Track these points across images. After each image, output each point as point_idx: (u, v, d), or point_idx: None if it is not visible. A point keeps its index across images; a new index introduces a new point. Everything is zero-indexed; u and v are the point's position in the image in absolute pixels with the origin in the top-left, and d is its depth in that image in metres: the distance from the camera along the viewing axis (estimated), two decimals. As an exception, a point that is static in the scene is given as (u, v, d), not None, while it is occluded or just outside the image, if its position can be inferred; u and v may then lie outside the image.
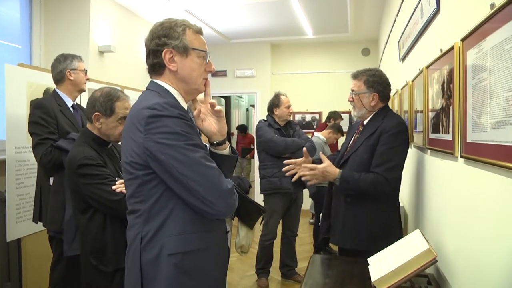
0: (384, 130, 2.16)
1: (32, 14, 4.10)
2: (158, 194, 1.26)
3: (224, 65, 7.36)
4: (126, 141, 1.30)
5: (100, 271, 1.91)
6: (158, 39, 1.34)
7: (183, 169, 1.20)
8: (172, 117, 1.21)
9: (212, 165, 1.26)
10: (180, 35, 1.34)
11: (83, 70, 2.75)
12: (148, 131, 1.21)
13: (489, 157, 1.17)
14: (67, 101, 2.70)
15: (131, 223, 1.34)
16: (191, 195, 1.22)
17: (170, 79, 1.37)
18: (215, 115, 1.44)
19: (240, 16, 5.73)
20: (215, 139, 1.43)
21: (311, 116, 7.19)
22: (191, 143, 1.22)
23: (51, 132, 2.51)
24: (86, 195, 1.91)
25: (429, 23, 2.11)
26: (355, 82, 2.33)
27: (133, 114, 1.29)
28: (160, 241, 1.26)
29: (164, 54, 1.33)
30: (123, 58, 4.91)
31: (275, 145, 3.51)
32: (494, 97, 1.12)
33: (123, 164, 1.33)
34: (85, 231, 1.96)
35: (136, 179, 1.27)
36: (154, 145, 1.20)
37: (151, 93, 1.34)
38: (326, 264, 2.15)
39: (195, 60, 1.37)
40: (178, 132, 1.21)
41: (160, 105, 1.22)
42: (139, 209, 1.29)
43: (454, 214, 1.62)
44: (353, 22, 5.91)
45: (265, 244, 3.72)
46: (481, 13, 1.21)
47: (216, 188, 1.24)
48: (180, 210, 1.27)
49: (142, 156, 1.23)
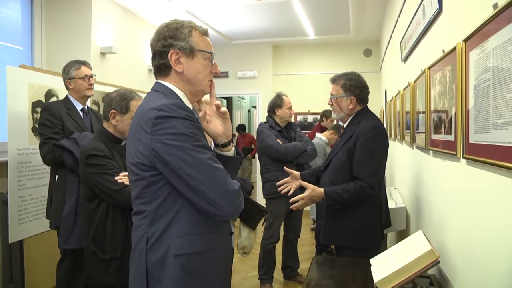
0: (359, 135, 2.24)
1: (34, 15, 4.11)
2: (164, 195, 1.26)
3: (225, 66, 7.36)
4: (132, 142, 1.30)
5: (98, 257, 2.04)
6: (164, 40, 1.34)
7: (190, 170, 1.20)
8: (179, 118, 1.22)
9: (219, 167, 1.26)
10: (187, 36, 1.35)
11: (83, 76, 2.85)
12: (155, 132, 1.21)
13: (492, 158, 1.17)
14: (77, 105, 2.88)
15: (136, 224, 1.34)
16: (198, 196, 1.23)
17: (176, 80, 1.37)
18: (220, 116, 1.45)
19: (241, 17, 5.73)
20: (220, 140, 1.44)
21: (313, 117, 7.18)
22: (198, 145, 1.23)
23: (55, 133, 2.69)
24: (91, 184, 2.04)
25: (431, 24, 2.11)
26: (333, 86, 2.43)
27: (140, 115, 1.28)
28: (166, 242, 1.26)
29: (170, 56, 1.33)
30: (124, 59, 4.91)
31: (276, 153, 3.50)
32: (497, 98, 1.12)
33: (129, 165, 1.33)
34: (90, 219, 2.09)
35: (142, 180, 1.27)
36: (161, 146, 1.20)
37: (157, 94, 1.34)
38: (328, 265, 2.15)
39: (201, 61, 1.37)
40: (185, 133, 1.21)
41: (167, 106, 1.22)
42: (145, 210, 1.29)
43: (457, 215, 1.62)
44: (354, 23, 5.91)
45: (267, 247, 3.70)
46: (484, 14, 1.21)
47: (223, 189, 1.24)
48: (186, 212, 1.27)
49: (149, 157, 1.23)
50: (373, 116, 2.39)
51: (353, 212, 2.26)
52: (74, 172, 2.63)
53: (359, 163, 2.22)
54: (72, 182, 2.66)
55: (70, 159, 2.62)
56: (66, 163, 2.63)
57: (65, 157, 2.63)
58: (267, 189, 3.62)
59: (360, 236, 2.25)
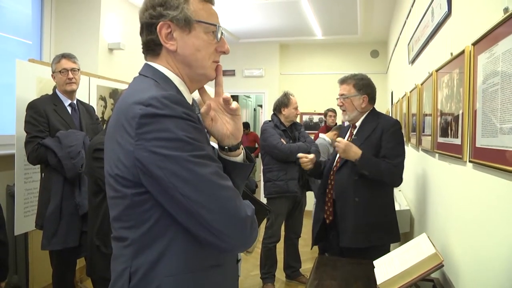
0: (386, 128, 2.32)
1: (44, 10, 4.13)
2: (153, 219, 0.94)
3: (232, 65, 7.37)
4: (111, 145, 0.96)
5: (101, 252, 2.04)
6: (152, 9, 1.02)
7: (188, 190, 0.88)
8: (174, 117, 0.89)
9: (226, 185, 0.94)
10: (181, 3, 1.01)
11: (61, 70, 2.76)
12: (141, 136, 0.88)
13: (499, 163, 1.16)
14: (64, 100, 2.83)
15: (116, 253, 1.02)
16: (198, 224, 0.91)
17: (169, 62, 1.04)
18: (229, 113, 1.08)
19: (249, 16, 5.74)
20: (227, 143, 1.07)
21: (319, 117, 7.18)
22: (199, 154, 0.90)
23: (40, 131, 2.65)
24: (97, 178, 2.02)
25: (439, 26, 2.10)
26: (344, 87, 2.47)
27: (121, 109, 0.95)
28: (155, 281, 0.94)
29: (160, 29, 1.00)
30: (132, 55, 4.93)
31: (280, 153, 3.50)
32: (505, 102, 1.11)
33: (107, 176, 0.99)
34: (94, 213, 2.09)
35: (123, 198, 0.95)
36: (148, 156, 0.88)
37: (146, 81, 1.01)
38: (331, 266, 2.15)
39: (201, 36, 1.03)
40: (181, 138, 0.89)
41: (157, 100, 0.89)
42: (127, 237, 0.97)
43: (462, 219, 1.62)
44: (362, 23, 5.89)
45: (268, 246, 3.71)
46: (494, 18, 1.21)
47: (232, 215, 0.92)
48: (181, 241, 0.96)
49: (132, 170, 0.91)
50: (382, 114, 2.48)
51: (382, 209, 2.32)
52: (58, 171, 2.61)
53: (391, 151, 2.28)
54: (57, 181, 2.64)
55: (53, 158, 2.59)
56: (49, 162, 2.60)
57: (48, 156, 2.59)
58: (268, 189, 3.62)
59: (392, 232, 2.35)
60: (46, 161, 2.62)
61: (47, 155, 2.60)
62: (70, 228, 2.62)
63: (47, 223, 2.59)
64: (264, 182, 3.71)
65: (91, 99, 3.81)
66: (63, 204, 2.61)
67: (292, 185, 3.53)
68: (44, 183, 2.73)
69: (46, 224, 2.59)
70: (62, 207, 2.61)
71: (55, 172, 2.64)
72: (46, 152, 2.60)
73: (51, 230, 2.58)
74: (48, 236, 2.59)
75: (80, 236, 2.64)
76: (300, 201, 3.76)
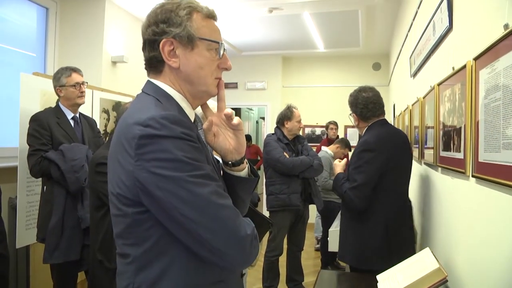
0: (356, 148, 2.34)
1: (48, 24, 4.19)
2: (154, 238, 0.96)
3: (235, 77, 7.41)
4: (113, 165, 0.99)
5: (104, 266, 2.02)
6: (155, 26, 1.02)
7: (187, 210, 0.90)
8: (173, 138, 0.91)
9: (226, 204, 0.95)
10: (184, 20, 1.02)
11: (74, 84, 2.77)
12: (140, 157, 0.90)
13: (502, 178, 1.16)
14: (67, 114, 2.82)
15: (120, 269, 1.05)
16: (198, 243, 0.93)
17: (172, 79, 1.06)
18: (231, 128, 1.10)
19: (252, 29, 5.79)
20: (231, 158, 1.10)
21: (321, 130, 7.18)
22: (198, 174, 0.91)
23: (43, 144, 2.64)
24: (100, 192, 2.02)
25: (441, 40, 2.11)
26: None
27: (122, 128, 0.97)
28: None
29: (162, 46, 1.02)
30: (135, 68, 4.96)
31: (283, 166, 3.50)
32: (508, 117, 1.11)
33: (110, 194, 1.02)
34: (97, 228, 2.08)
35: (125, 217, 0.97)
36: (148, 177, 0.89)
37: (147, 99, 1.02)
38: (334, 280, 2.13)
39: (203, 53, 1.04)
40: (180, 159, 0.90)
41: (155, 120, 0.91)
42: (129, 254, 0.99)
43: (465, 234, 1.61)
44: (364, 36, 5.93)
45: (271, 260, 3.68)
46: (494, 33, 1.22)
47: (232, 234, 0.93)
48: (183, 259, 0.97)
49: (132, 189, 0.93)
50: (377, 130, 2.35)
51: (356, 229, 2.26)
52: (61, 184, 2.61)
53: (351, 173, 2.30)
54: (59, 194, 2.63)
55: (56, 171, 2.58)
56: (52, 175, 2.60)
57: (52, 170, 2.59)
58: (270, 202, 3.61)
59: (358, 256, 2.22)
60: (49, 174, 2.61)
61: (50, 168, 2.59)
62: (72, 241, 2.61)
63: (49, 236, 2.58)
64: (267, 195, 3.69)
65: (94, 112, 3.82)
66: (65, 217, 2.60)
67: (295, 198, 3.52)
68: (46, 196, 2.72)
69: (48, 238, 2.58)
70: (64, 220, 2.60)
71: (58, 185, 2.63)
72: (49, 165, 2.59)
73: (53, 243, 2.57)
74: (50, 250, 2.58)
75: (82, 250, 2.62)
76: (303, 214, 3.74)
